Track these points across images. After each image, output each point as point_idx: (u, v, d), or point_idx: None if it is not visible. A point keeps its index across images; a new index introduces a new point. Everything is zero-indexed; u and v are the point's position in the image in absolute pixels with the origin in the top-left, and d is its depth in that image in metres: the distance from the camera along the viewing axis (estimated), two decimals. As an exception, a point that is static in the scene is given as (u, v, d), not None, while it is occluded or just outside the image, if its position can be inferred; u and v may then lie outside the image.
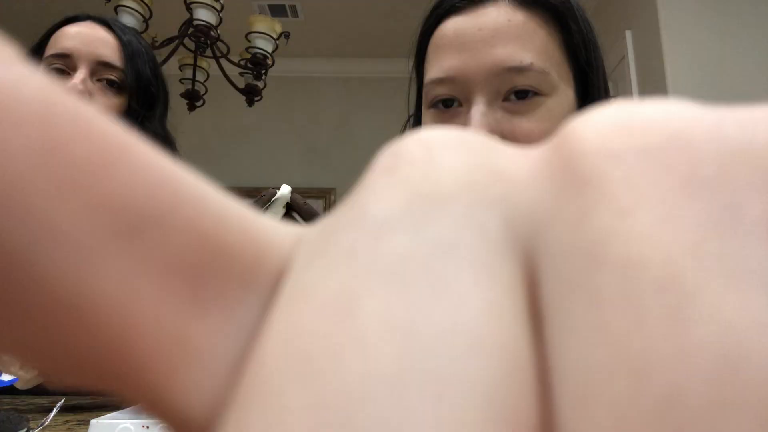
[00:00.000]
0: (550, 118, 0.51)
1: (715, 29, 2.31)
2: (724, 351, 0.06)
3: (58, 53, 0.84)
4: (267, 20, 2.31)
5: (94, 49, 0.85)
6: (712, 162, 0.07)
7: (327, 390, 0.07)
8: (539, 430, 0.07)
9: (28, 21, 3.42)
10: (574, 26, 0.54)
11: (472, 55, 0.51)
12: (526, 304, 0.08)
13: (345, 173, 3.70)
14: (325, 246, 0.09)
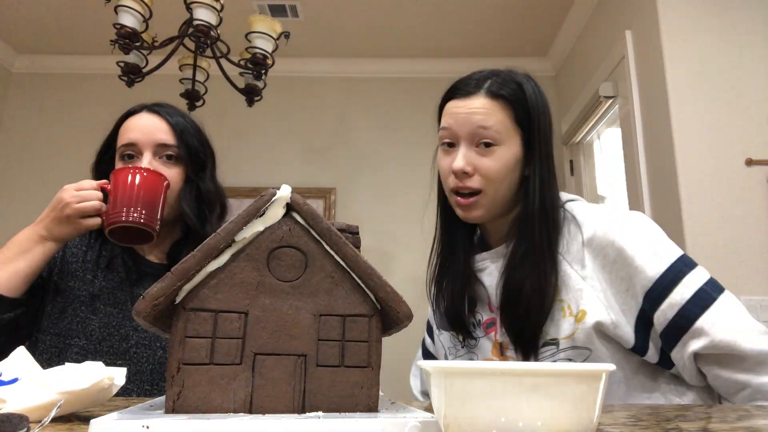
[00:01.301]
0: (501, 159, 0.90)
1: (715, 29, 2.31)
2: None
3: (127, 143, 1.07)
4: (267, 20, 2.31)
5: (152, 136, 1.07)
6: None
7: None
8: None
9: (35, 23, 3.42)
10: (518, 107, 0.91)
11: (461, 120, 0.92)
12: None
13: (345, 173, 3.70)
14: None
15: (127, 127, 1.08)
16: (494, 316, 0.94)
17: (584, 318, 0.84)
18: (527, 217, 0.90)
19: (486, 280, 0.96)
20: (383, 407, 0.47)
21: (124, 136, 1.08)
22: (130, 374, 1.02)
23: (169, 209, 1.07)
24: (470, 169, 0.90)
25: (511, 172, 0.91)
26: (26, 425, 0.39)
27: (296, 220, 0.45)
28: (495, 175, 0.90)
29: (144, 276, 1.09)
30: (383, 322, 0.45)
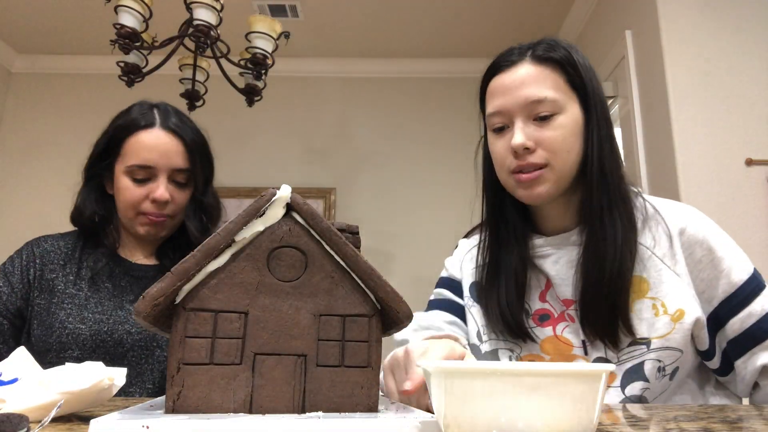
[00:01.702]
0: (563, 127, 0.83)
1: (715, 29, 2.31)
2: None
3: (142, 165, 1.04)
4: (267, 20, 2.31)
5: (169, 160, 1.06)
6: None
7: None
8: None
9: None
10: (571, 69, 0.85)
11: (511, 96, 0.84)
12: None
13: (345, 173, 3.70)
14: None
15: (142, 146, 1.05)
16: (547, 308, 0.87)
17: (683, 317, 0.79)
18: (592, 191, 0.83)
19: (550, 268, 0.88)
20: (383, 407, 0.47)
21: (138, 154, 1.04)
22: (131, 377, 1.01)
23: (174, 229, 1.10)
24: (532, 144, 0.81)
25: (575, 140, 0.83)
26: (26, 425, 0.39)
27: (296, 220, 0.45)
28: (560, 145, 0.82)
29: (134, 281, 1.08)
30: (383, 322, 0.45)
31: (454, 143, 3.62)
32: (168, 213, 1.06)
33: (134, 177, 1.04)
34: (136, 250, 1.13)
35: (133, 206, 1.05)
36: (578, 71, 0.84)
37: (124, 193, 1.05)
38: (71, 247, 1.10)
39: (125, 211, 1.06)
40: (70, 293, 1.04)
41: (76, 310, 1.01)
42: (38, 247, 1.09)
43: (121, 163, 1.06)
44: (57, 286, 1.04)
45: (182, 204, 1.09)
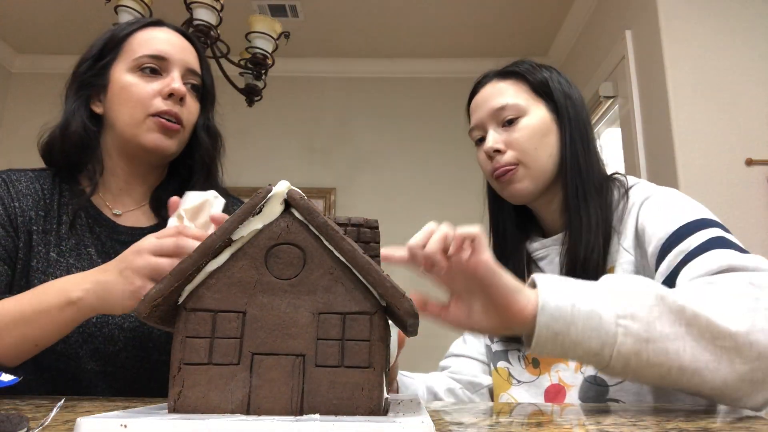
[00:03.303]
0: (528, 127, 0.91)
1: (715, 29, 2.31)
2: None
3: (155, 55, 0.91)
4: (267, 20, 2.31)
5: (184, 57, 0.94)
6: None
7: None
8: None
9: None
10: (532, 78, 0.94)
11: (481, 109, 0.95)
12: None
13: (345, 173, 3.70)
14: None
15: (153, 37, 0.93)
16: None
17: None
18: (568, 186, 0.89)
19: (547, 269, 0.94)
20: (392, 410, 0.46)
21: (149, 45, 0.91)
22: (125, 384, 0.88)
23: (180, 148, 0.95)
24: (501, 146, 0.90)
25: (544, 137, 0.91)
26: (26, 425, 0.38)
27: (295, 216, 0.45)
28: (527, 144, 0.90)
29: (122, 246, 0.87)
30: (388, 320, 0.45)
31: (454, 143, 3.62)
32: (182, 117, 0.91)
33: (143, 71, 0.90)
34: (123, 194, 0.96)
35: (142, 104, 0.88)
36: (542, 81, 0.93)
37: (131, 90, 0.89)
38: (48, 192, 0.92)
39: (131, 115, 0.89)
40: (52, 259, 0.87)
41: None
42: (11, 185, 0.90)
43: (124, 60, 0.91)
44: (36, 245, 0.87)
45: (194, 114, 0.96)
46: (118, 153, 0.94)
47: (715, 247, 0.70)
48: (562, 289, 0.61)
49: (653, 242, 0.79)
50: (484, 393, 0.99)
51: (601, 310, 0.59)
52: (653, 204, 0.83)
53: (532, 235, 1.00)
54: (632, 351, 0.58)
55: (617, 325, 0.58)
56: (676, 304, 0.59)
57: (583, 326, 0.59)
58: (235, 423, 0.36)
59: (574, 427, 0.48)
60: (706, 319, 0.58)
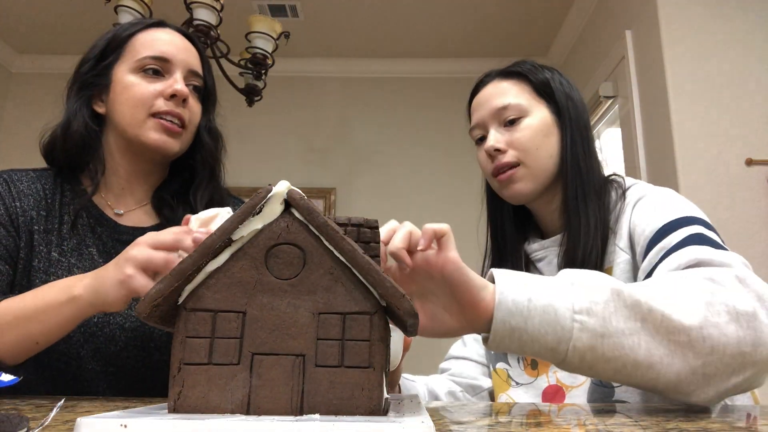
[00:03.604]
0: (529, 127, 0.91)
1: (715, 29, 2.31)
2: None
3: (158, 56, 0.91)
4: (267, 20, 2.31)
5: (187, 58, 0.94)
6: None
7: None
8: None
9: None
10: (535, 79, 0.94)
11: (483, 109, 0.95)
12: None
13: (345, 173, 3.70)
14: None
15: (156, 38, 0.93)
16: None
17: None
18: (567, 187, 0.89)
19: (545, 270, 0.94)
20: (392, 410, 0.46)
21: (152, 46, 0.91)
22: (126, 384, 0.88)
23: (183, 148, 0.95)
24: (502, 146, 0.90)
25: (545, 138, 0.91)
26: (26, 425, 0.38)
27: (295, 216, 0.45)
28: (528, 144, 0.90)
29: (123, 246, 0.83)
30: (388, 320, 0.45)
31: (454, 143, 3.62)
32: (184, 118, 0.92)
33: (145, 72, 0.90)
34: (125, 194, 0.96)
35: (144, 104, 0.89)
36: (544, 81, 0.94)
37: (133, 90, 0.90)
38: (50, 191, 0.92)
39: (133, 115, 0.89)
40: (54, 259, 0.87)
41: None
42: (13, 185, 0.90)
43: (127, 61, 0.92)
44: (38, 245, 0.87)
45: (197, 115, 0.96)
46: (120, 152, 0.94)
47: (691, 244, 0.70)
48: (518, 283, 0.61)
49: (640, 241, 0.79)
50: (485, 396, 0.99)
51: (558, 304, 0.59)
52: (645, 203, 0.84)
53: (531, 236, 1.00)
54: (588, 346, 0.58)
55: (573, 320, 0.58)
56: (632, 298, 0.59)
57: (539, 321, 0.58)
58: (235, 423, 0.36)
59: (574, 427, 0.48)
60: (661, 313, 0.58)
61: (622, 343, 0.58)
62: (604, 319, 0.58)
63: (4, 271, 0.84)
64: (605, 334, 0.58)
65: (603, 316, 0.58)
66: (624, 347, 0.58)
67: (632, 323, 0.58)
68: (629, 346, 0.58)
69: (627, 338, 0.58)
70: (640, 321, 0.58)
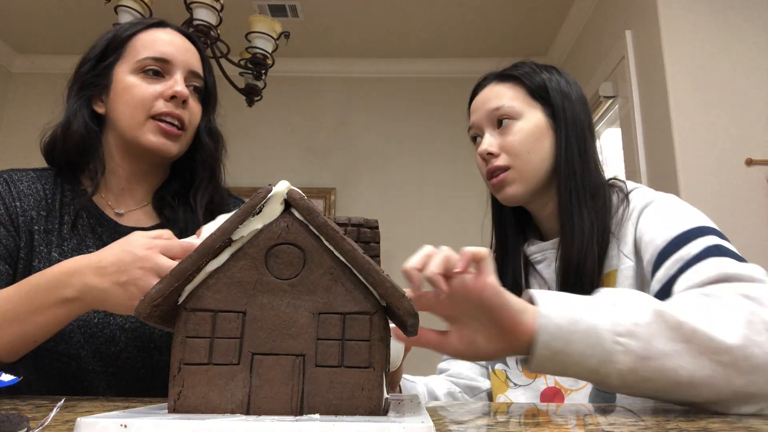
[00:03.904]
0: (521, 131, 0.91)
1: (715, 29, 2.31)
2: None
3: (158, 57, 0.91)
4: (267, 20, 2.31)
5: (188, 59, 0.94)
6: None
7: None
8: None
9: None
10: (530, 82, 0.94)
11: (478, 111, 0.96)
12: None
13: (345, 173, 3.70)
14: None
15: (157, 38, 0.93)
16: None
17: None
18: (561, 189, 0.89)
19: (544, 272, 0.94)
20: (392, 410, 0.46)
21: (152, 47, 0.91)
22: (126, 384, 0.88)
23: (183, 150, 0.95)
24: (494, 149, 0.91)
25: (537, 141, 0.91)
26: (26, 425, 0.38)
27: (295, 216, 0.45)
28: (518, 147, 0.90)
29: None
30: (388, 320, 0.45)
31: (454, 143, 3.62)
32: (184, 120, 0.92)
33: (147, 71, 0.90)
34: (125, 194, 0.95)
35: (143, 105, 0.89)
36: (540, 84, 0.93)
37: (133, 91, 0.89)
38: (50, 192, 0.91)
39: (132, 116, 0.89)
40: (54, 259, 0.86)
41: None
42: (13, 184, 0.90)
43: (127, 62, 0.91)
44: (38, 245, 0.87)
45: (197, 116, 0.96)
46: (120, 153, 0.94)
47: (711, 256, 0.70)
48: (560, 306, 0.60)
49: (650, 250, 0.78)
50: (483, 397, 0.99)
51: (600, 327, 0.59)
52: (652, 211, 0.83)
53: (530, 237, 1.00)
54: (630, 368, 0.58)
55: (616, 342, 0.58)
56: (675, 319, 0.59)
57: (581, 345, 0.58)
58: (235, 423, 0.36)
59: (574, 426, 0.48)
60: (704, 334, 0.58)
61: (665, 365, 0.58)
62: (647, 341, 0.58)
63: (4, 271, 0.84)
64: (648, 356, 0.58)
65: (646, 338, 0.58)
66: (666, 368, 0.58)
67: (675, 344, 0.58)
68: (671, 367, 0.58)
69: (670, 360, 0.58)
70: (683, 342, 0.58)
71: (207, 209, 0.98)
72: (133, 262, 0.66)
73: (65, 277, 0.69)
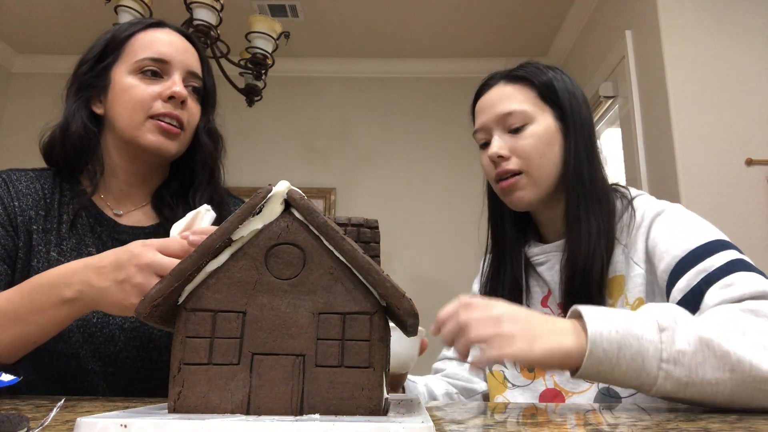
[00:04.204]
0: (534, 135, 0.90)
1: (715, 30, 2.31)
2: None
3: (156, 58, 0.91)
4: (267, 20, 2.31)
5: (186, 59, 0.94)
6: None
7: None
8: None
9: (28, 21, 3.41)
10: (541, 85, 0.93)
11: (488, 113, 0.94)
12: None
13: (345, 173, 3.70)
14: None
15: (156, 38, 0.92)
16: (548, 313, 0.92)
17: (641, 306, 0.81)
18: (569, 194, 0.89)
19: (546, 274, 0.93)
20: (392, 410, 0.46)
21: (150, 47, 0.91)
22: (126, 384, 0.88)
23: (181, 150, 0.95)
24: (506, 152, 0.90)
25: (548, 146, 0.90)
26: (26, 425, 0.38)
27: (295, 216, 0.45)
28: (532, 152, 0.89)
29: (123, 245, 0.89)
30: (388, 320, 0.45)
31: (454, 143, 3.62)
32: (182, 120, 0.91)
33: (145, 72, 0.90)
34: (124, 195, 0.96)
35: (142, 106, 0.89)
36: (551, 87, 0.92)
37: (131, 92, 0.89)
38: (49, 191, 0.92)
39: (131, 117, 0.89)
40: (53, 259, 0.87)
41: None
42: (11, 184, 0.90)
43: (125, 62, 0.91)
44: (37, 244, 0.87)
45: (195, 117, 0.95)
46: (119, 154, 0.94)
47: (738, 270, 0.71)
48: (609, 329, 0.61)
49: (666, 259, 0.78)
50: (479, 398, 0.99)
51: (646, 353, 0.60)
52: (666, 221, 0.83)
53: (531, 239, 0.99)
54: (670, 392, 0.60)
55: (659, 368, 0.60)
56: (721, 349, 0.59)
57: (626, 368, 0.60)
58: (235, 423, 0.36)
59: (574, 426, 0.48)
60: (750, 364, 0.59)
61: (705, 391, 0.59)
62: (690, 369, 0.59)
63: (3, 272, 0.85)
64: (690, 383, 0.59)
65: (690, 366, 0.59)
66: (707, 393, 0.60)
67: (720, 374, 0.59)
68: (712, 392, 0.59)
69: (711, 386, 0.59)
70: (728, 371, 0.59)
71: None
72: (129, 259, 0.66)
73: (66, 278, 0.70)
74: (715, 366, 0.59)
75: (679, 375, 0.59)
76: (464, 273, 2.61)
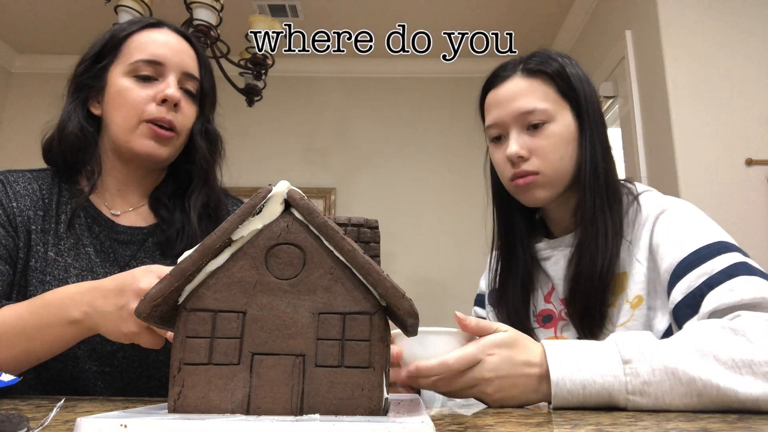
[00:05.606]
0: (554, 135, 0.87)
1: (714, 29, 2.31)
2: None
3: (151, 60, 0.90)
4: (267, 20, 2.31)
5: (181, 61, 0.93)
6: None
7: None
8: None
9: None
10: (561, 80, 0.89)
11: (505, 108, 0.89)
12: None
13: (345, 173, 3.70)
14: None
15: (151, 40, 0.91)
16: (551, 309, 0.92)
17: (641, 304, 0.81)
18: (585, 192, 0.87)
19: (551, 270, 0.92)
20: (392, 410, 0.46)
21: (145, 49, 0.90)
22: (123, 384, 0.88)
23: (175, 153, 0.95)
24: (525, 153, 0.87)
25: (567, 145, 0.87)
26: (26, 425, 0.38)
27: (295, 216, 0.44)
28: (552, 153, 0.86)
29: (121, 247, 0.92)
30: (389, 320, 0.45)
31: (453, 143, 3.62)
32: (175, 124, 0.91)
33: (139, 76, 0.89)
34: (121, 195, 0.95)
35: (135, 109, 0.88)
36: (569, 81, 0.89)
37: (125, 95, 0.89)
38: (47, 191, 0.92)
39: (125, 120, 0.89)
40: (51, 259, 0.87)
41: (55, 285, 0.83)
42: (9, 186, 0.90)
43: (121, 63, 0.91)
44: (35, 244, 0.87)
45: (190, 119, 0.94)
46: (115, 155, 0.94)
47: (740, 274, 0.70)
48: (571, 369, 0.63)
49: (668, 259, 0.78)
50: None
51: (611, 387, 0.62)
52: (669, 219, 0.82)
53: (536, 233, 0.99)
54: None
55: (627, 401, 0.61)
56: (687, 376, 0.60)
57: (594, 403, 0.62)
58: (234, 423, 0.36)
59: (574, 427, 0.48)
60: (717, 389, 0.59)
61: (673, 413, 0.60)
62: (657, 398, 0.60)
63: (4, 272, 0.85)
64: (658, 408, 0.61)
65: (656, 396, 0.60)
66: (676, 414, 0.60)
67: (687, 399, 0.60)
68: (681, 412, 0.60)
69: (679, 409, 0.60)
70: (696, 397, 0.60)
71: (204, 212, 0.98)
72: (131, 284, 0.66)
73: (76, 297, 0.70)
74: (682, 393, 0.60)
75: (646, 404, 0.61)
76: (464, 273, 2.60)
